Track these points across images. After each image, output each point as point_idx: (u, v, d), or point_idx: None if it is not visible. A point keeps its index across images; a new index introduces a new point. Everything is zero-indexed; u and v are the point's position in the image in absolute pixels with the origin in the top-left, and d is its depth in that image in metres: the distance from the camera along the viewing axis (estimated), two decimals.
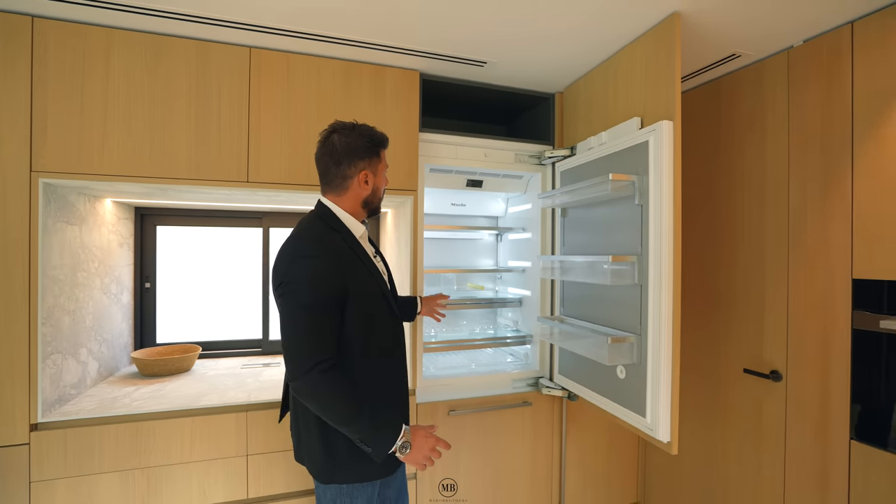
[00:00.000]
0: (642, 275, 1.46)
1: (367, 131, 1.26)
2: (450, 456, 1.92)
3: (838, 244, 1.47)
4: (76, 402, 1.58)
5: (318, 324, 1.09)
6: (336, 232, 1.21)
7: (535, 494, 2.07)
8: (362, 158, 1.24)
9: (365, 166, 1.24)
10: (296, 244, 1.18)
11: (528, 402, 2.03)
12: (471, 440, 1.95)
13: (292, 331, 1.09)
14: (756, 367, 1.72)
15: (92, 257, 1.77)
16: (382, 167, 1.30)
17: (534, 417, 2.06)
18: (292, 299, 1.10)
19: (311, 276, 1.10)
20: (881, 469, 1.36)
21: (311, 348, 1.07)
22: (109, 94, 1.51)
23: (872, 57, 1.38)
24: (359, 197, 1.26)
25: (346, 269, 1.16)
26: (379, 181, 1.30)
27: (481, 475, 1.98)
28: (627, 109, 1.61)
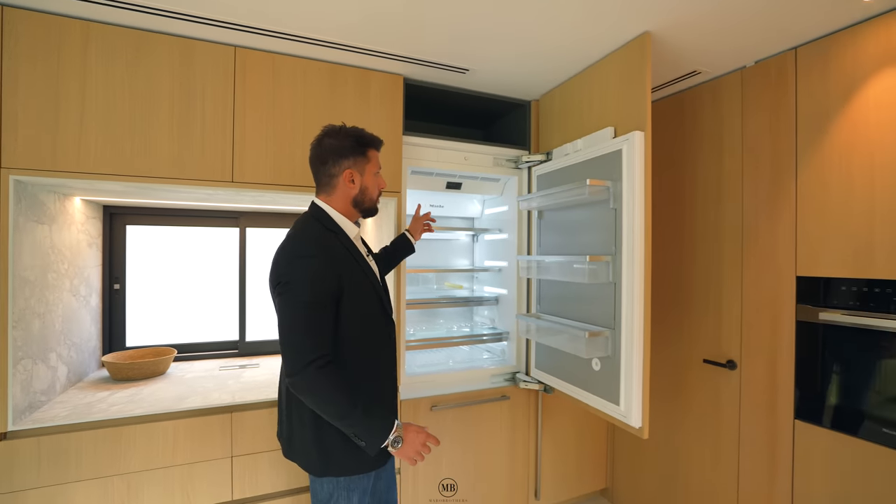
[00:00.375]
0: (616, 273, 1.58)
1: (353, 132, 1.29)
2: (433, 449, 1.98)
3: (784, 246, 1.64)
4: (47, 409, 1.52)
5: (315, 321, 1.12)
6: (332, 232, 1.25)
7: (514, 483, 2.16)
8: (347, 157, 1.27)
9: (350, 165, 1.27)
10: (293, 244, 1.20)
11: (506, 395, 2.12)
12: (452, 433, 2.02)
13: (291, 328, 1.12)
14: (714, 358, 1.88)
15: (62, 258, 1.69)
16: (371, 167, 1.32)
17: (511, 410, 2.15)
18: (291, 298, 1.13)
19: (310, 275, 1.13)
20: (818, 442, 1.53)
21: (309, 345, 1.10)
22: (87, 89, 1.46)
23: (813, 80, 1.56)
24: (347, 196, 1.29)
25: (341, 268, 1.19)
26: (367, 180, 1.31)
27: (463, 466, 2.05)
28: (601, 119, 1.73)
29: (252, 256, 2.34)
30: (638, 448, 2.27)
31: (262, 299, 2.36)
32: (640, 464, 2.26)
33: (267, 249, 2.38)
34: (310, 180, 1.71)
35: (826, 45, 1.52)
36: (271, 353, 2.35)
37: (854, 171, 1.45)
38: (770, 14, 1.42)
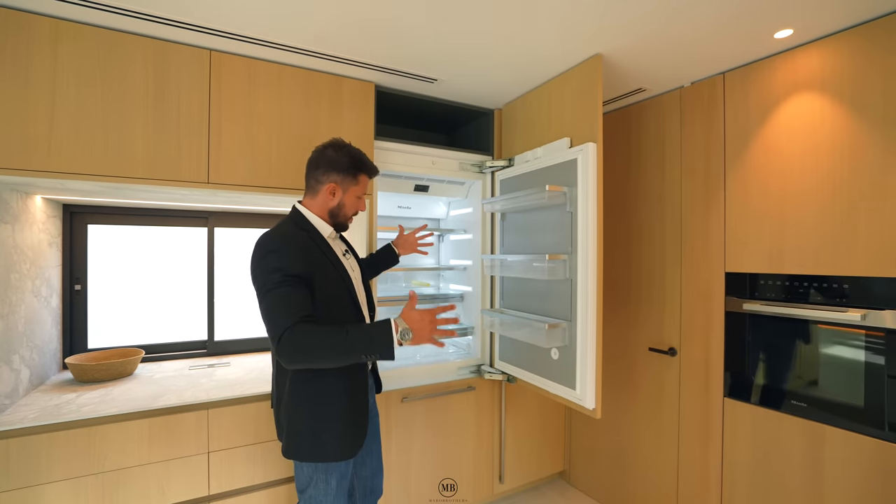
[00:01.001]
0: (572, 270, 1.74)
1: (354, 153, 1.39)
2: (404, 438, 2.08)
3: (716, 245, 1.87)
4: (12, 412, 1.49)
5: (284, 297, 1.16)
6: (303, 230, 1.33)
7: (479, 468, 2.30)
8: (338, 172, 1.36)
9: (337, 180, 1.36)
10: (265, 241, 1.25)
11: (472, 386, 2.25)
12: (422, 423, 2.13)
13: (268, 309, 1.17)
14: (658, 346, 2.10)
15: (24, 258, 1.66)
16: (356, 190, 1.40)
17: (477, 401, 2.29)
18: (265, 286, 1.19)
19: (278, 264, 1.19)
20: (743, 416, 1.77)
21: (284, 315, 1.14)
22: (57, 87, 1.45)
23: (737, 101, 1.79)
24: (325, 205, 1.38)
25: (309, 258, 1.25)
26: (347, 200, 1.39)
27: (432, 454, 2.16)
28: (559, 130, 1.89)
29: (221, 256, 2.34)
30: (592, 431, 2.47)
31: (231, 298, 2.37)
32: (593, 446, 2.46)
33: (236, 249, 2.39)
34: (285, 182, 1.79)
35: (747, 72, 1.76)
36: (241, 352, 2.36)
37: (770, 180, 1.69)
38: (700, 44, 1.63)
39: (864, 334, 1.46)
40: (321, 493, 1.31)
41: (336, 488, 1.32)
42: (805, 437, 1.59)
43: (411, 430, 2.10)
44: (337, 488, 1.32)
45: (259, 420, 1.72)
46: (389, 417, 2.03)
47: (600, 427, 2.41)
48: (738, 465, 1.79)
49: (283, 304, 1.15)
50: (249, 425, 1.70)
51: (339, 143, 1.39)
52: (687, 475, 1.97)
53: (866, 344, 1.45)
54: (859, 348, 1.47)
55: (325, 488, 1.31)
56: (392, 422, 2.04)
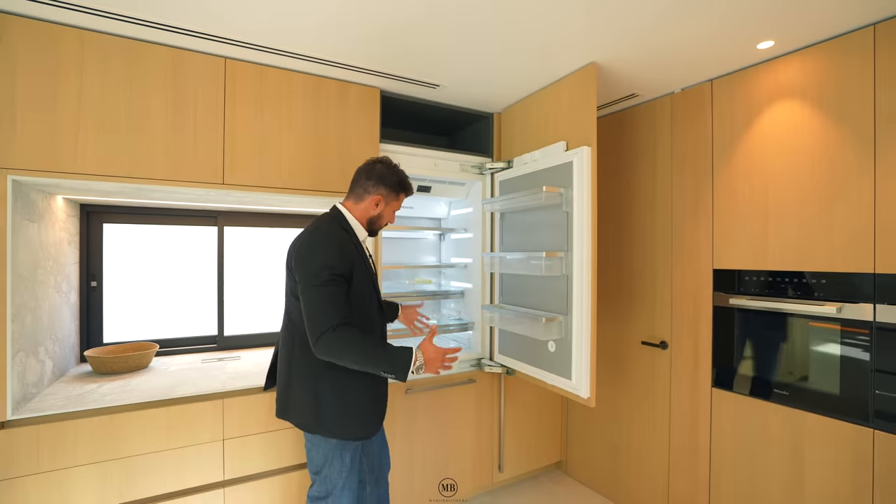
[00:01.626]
0: (568, 267, 1.84)
1: (401, 174, 1.57)
2: (407, 429, 2.17)
3: (704, 243, 1.97)
4: (39, 401, 1.58)
5: (331, 296, 1.32)
6: (345, 231, 1.47)
7: (480, 458, 2.40)
8: (386, 188, 1.53)
9: (383, 194, 1.53)
10: (313, 237, 1.41)
11: (472, 379, 2.35)
12: (425, 415, 2.22)
13: (312, 304, 1.31)
14: (650, 339, 2.20)
15: (48, 255, 1.74)
16: (395, 206, 1.59)
17: (478, 393, 2.38)
18: (311, 281, 1.32)
19: (326, 261, 1.34)
20: (729, 405, 1.87)
21: (328, 315, 1.29)
22: (84, 94, 1.54)
23: (724, 107, 1.90)
24: (367, 212, 1.54)
25: (351, 258, 1.41)
26: (386, 212, 1.57)
27: (434, 444, 2.26)
28: (556, 133, 1.99)
29: (230, 254, 2.43)
30: (587, 422, 2.57)
31: (240, 295, 2.46)
32: (589, 436, 2.56)
33: (244, 248, 2.48)
34: (295, 183, 1.89)
35: (733, 80, 1.86)
36: (249, 347, 2.45)
37: (754, 182, 1.79)
38: (688, 54, 1.73)
39: (839, 326, 1.56)
40: (336, 471, 1.41)
41: (349, 465, 1.43)
42: (787, 424, 1.69)
43: (414, 420, 2.20)
44: (350, 465, 1.44)
45: (271, 409, 1.81)
46: (394, 407, 2.12)
47: (595, 418, 2.51)
48: (724, 452, 1.89)
49: (329, 303, 1.30)
50: (263, 414, 1.79)
51: (389, 161, 1.56)
52: (677, 462, 2.08)
53: (842, 335, 1.56)
54: (835, 340, 1.58)
55: (339, 466, 1.42)
56: (396, 412, 2.13)
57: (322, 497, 1.46)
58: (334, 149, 1.98)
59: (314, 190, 1.94)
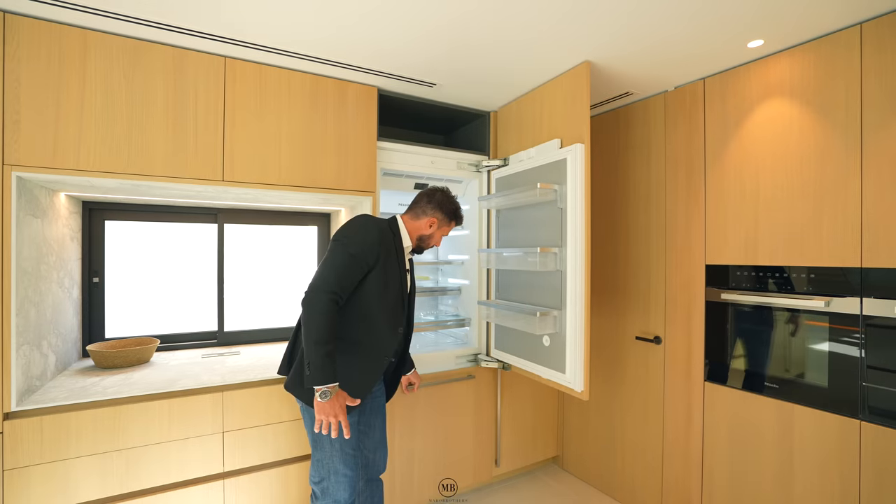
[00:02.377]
0: (562, 262, 1.87)
1: (456, 205, 1.74)
2: (407, 424, 2.20)
3: (697, 240, 2.00)
4: (43, 393, 1.61)
5: (348, 268, 1.46)
6: (393, 234, 1.62)
7: (477, 452, 2.43)
8: (442, 213, 1.70)
9: (438, 218, 1.70)
10: (365, 220, 1.57)
11: (471, 375, 2.37)
12: (425, 410, 2.25)
13: (331, 263, 1.45)
14: (644, 335, 2.23)
15: (51, 251, 1.78)
16: (444, 230, 1.74)
17: (476, 388, 2.41)
18: (343, 247, 1.48)
19: (362, 240, 1.50)
20: (722, 398, 1.90)
21: (333, 279, 1.42)
22: (86, 92, 1.57)
23: (716, 105, 1.93)
24: (419, 230, 1.70)
25: (385, 252, 1.55)
26: (437, 234, 1.73)
27: (434, 439, 2.28)
28: (551, 131, 2.02)
29: (230, 251, 2.46)
30: (583, 417, 2.60)
31: (240, 291, 2.49)
32: (585, 431, 2.59)
33: (244, 244, 2.51)
34: (293, 180, 1.95)
35: (725, 78, 1.89)
36: (249, 343, 2.48)
37: (745, 178, 1.82)
38: (680, 52, 1.76)
39: (827, 320, 1.59)
40: (326, 454, 1.52)
41: (340, 450, 1.50)
42: (777, 416, 1.72)
43: (414, 415, 2.22)
44: (341, 449, 1.50)
45: (270, 403, 1.84)
46: (393, 404, 2.15)
47: (591, 413, 2.54)
48: (717, 444, 1.92)
49: (340, 268, 1.44)
50: (261, 407, 1.83)
51: (449, 192, 1.74)
52: (671, 455, 2.10)
53: (830, 329, 1.59)
54: (824, 333, 1.60)
55: (329, 450, 1.50)
56: (396, 407, 2.16)
57: (318, 481, 1.57)
58: (332, 146, 2.01)
59: (312, 187, 1.97)
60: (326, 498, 1.54)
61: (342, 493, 1.53)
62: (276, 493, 1.85)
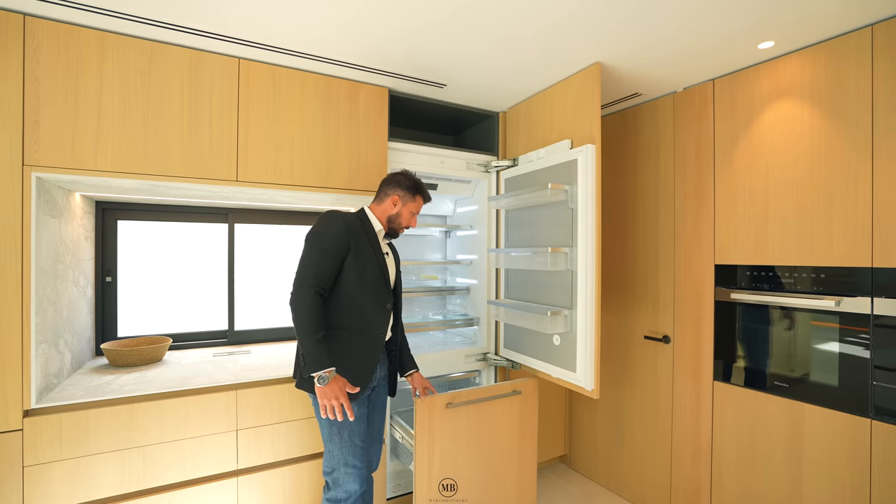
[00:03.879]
0: (572, 262, 1.89)
1: (416, 180, 1.76)
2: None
3: (706, 239, 2.01)
4: (61, 390, 1.63)
5: (323, 260, 1.52)
6: (360, 221, 1.65)
7: None
8: (402, 189, 1.72)
9: (400, 194, 1.72)
10: (330, 214, 1.60)
11: (517, 391, 2.04)
12: (467, 428, 1.97)
13: (306, 261, 1.52)
14: (653, 334, 2.24)
15: (67, 250, 1.79)
16: (412, 206, 1.74)
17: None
18: (314, 243, 1.53)
19: (331, 233, 1.54)
20: (730, 397, 1.92)
21: (311, 274, 1.49)
22: (104, 93, 1.59)
23: (725, 106, 1.94)
24: (386, 211, 1.72)
25: (356, 239, 1.59)
26: (404, 211, 1.73)
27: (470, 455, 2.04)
28: (561, 132, 2.03)
29: (240, 251, 2.48)
30: (591, 416, 2.61)
31: (251, 290, 2.51)
32: (593, 430, 2.60)
33: (254, 244, 2.53)
34: (306, 180, 1.96)
35: (734, 79, 1.90)
36: (260, 342, 2.50)
37: (755, 179, 1.84)
38: (690, 54, 1.77)
39: (838, 320, 1.60)
40: (336, 446, 1.57)
41: (349, 442, 1.56)
42: (787, 415, 1.73)
43: (456, 438, 1.97)
44: (350, 442, 1.56)
45: (283, 401, 1.86)
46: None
47: (599, 412, 2.56)
48: (726, 443, 1.93)
49: (315, 262, 1.51)
50: (275, 406, 1.84)
51: (409, 172, 1.78)
52: (680, 454, 2.12)
53: (840, 328, 1.60)
54: (834, 332, 1.62)
55: (339, 442, 1.56)
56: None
57: (329, 472, 1.60)
58: (344, 147, 2.02)
59: (325, 187, 1.98)
60: (337, 489, 1.58)
61: (352, 485, 1.57)
62: (289, 491, 1.87)
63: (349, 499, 1.58)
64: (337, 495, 1.58)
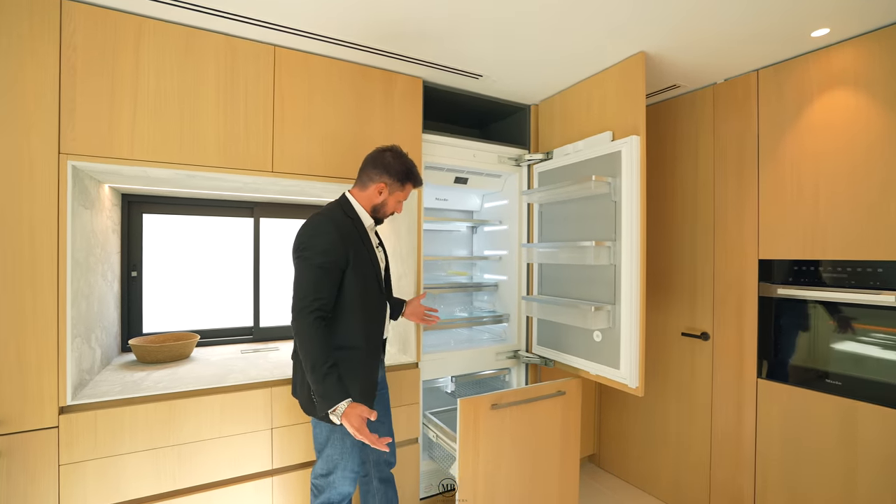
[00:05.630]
0: (616, 256, 1.84)
1: (408, 163, 1.56)
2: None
3: (749, 234, 1.96)
4: (93, 387, 1.58)
5: (321, 281, 1.37)
6: (349, 218, 1.50)
7: None
8: (390, 176, 1.53)
9: (387, 182, 1.53)
10: (317, 221, 1.44)
11: (561, 391, 1.97)
12: (510, 430, 1.89)
13: (302, 282, 1.36)
14: (690, 331, 2.19)
15: (97, 243, 1.74)
16: (400, 195, 1.57)
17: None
18: (307, 261, 1.38)
19: (324, 246, 1.38)
20: (777, 396, 1.87)
21: (311, 297, 1.34)
22: (140, 80, 1.54)
23: (771, 97, 1.89)
24: (370, 200, 1.55)
25: (351, 246, 1.44)
26: (390, 201, 1.56)
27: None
28: (601, 124, 1.98)
29: (266, 245, 2.43)
30: (622, 415, 2.56)
31: (276, 286, 2.46)
32: (623, 429, 2.55)
33: (280, 239, 2.48)
34: (341, 171, 1.90)
35: (780, 69, 1.86)
36: (285, 339, 2.45)
37: (804, 172, 1.79)
38: (739, 43, 1.72)
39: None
40: (337, 451, 1.47)
41: (350, 448, 1.47)
42: (839, 413, 1.68)
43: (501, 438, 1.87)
44: (351, 448, 1.48)
45: None
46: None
47: (631, 410, 2.51)
48: (771, 441, 1.88)
49: (313, 284, 1.35)
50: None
51: (398, 150, 1.56)
52: (720, 453, 2.07)
53: None
54: (893, 328, 1.57)
55: (340, 447, 1.47)
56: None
57: (325, 474, 1.50)
58: (379, 138, 1.97)
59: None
60: (331, 491, 1.49)
61: (347, 487, 1.50)
62: None
63: (343, 501, 1.51)
64: (331, 497, 1.49)
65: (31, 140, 1.39)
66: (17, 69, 1.38)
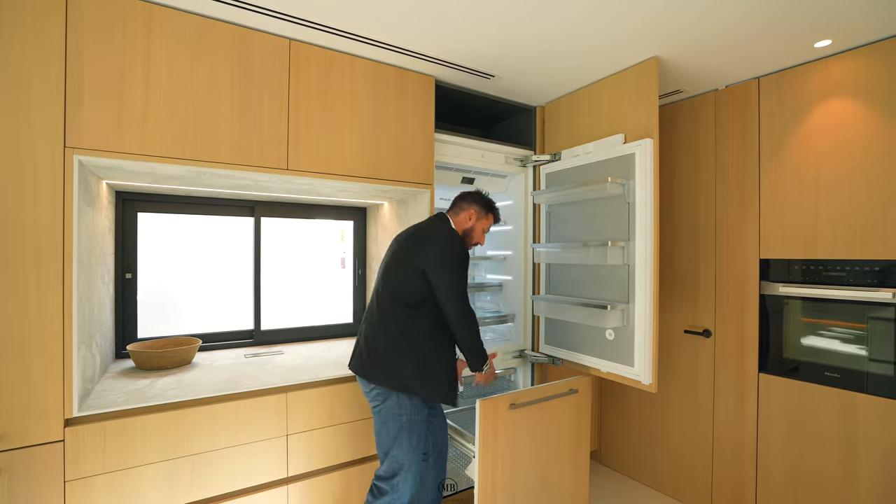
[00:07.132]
0: (630, 256, 1.87)
1: (491, 200, 1.84)
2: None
3: (750, 234, 2.04)
4: (97, 397, 1.48)
5: (463, 286, 1.64)
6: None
7: None
8: (477, 205, 1.80)
9: (476, 209, 1.79)
10: (456, 237, 1.68)
11: (574, 389, 1.95)
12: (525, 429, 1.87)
13: (458, 279, 1.61)
14: (693, 328, 2.26)
15: (97, 243, 1.64)
16: (484, 223, 1.81)
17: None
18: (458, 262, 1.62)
19: (464, 254, 1.64)
20: (777, 389, 1.95)
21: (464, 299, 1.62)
22: (151, 71, 1.46)
23: (772, 104, 1.97)
24: (462, 224, 1.78)
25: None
26: (477, 227, 1.80)
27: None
28: (611, 126, 2.02)
29: (266, 246, 2.35)
30: (623, 412, 2.62)
31: (276, 288, 2.38)
32: (625, 425, 2.61)
33: (281, 239, 2.40)
34: (357, 170, 1.91)
35: (782, 77, 1.94)
36: (288, 342, 2.37)
37: (804, 175, 1.87)
38: (744, 51, 1.79)
39: (893, 311, 1.65)
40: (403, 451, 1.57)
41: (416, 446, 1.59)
42: (839, 405, 1.77)
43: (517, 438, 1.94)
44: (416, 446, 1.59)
45: (334, 403, 1.76)
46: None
47: (633, 406, 2.56)
48: (772, 434, 1.96)
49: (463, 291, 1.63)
50: (325, 408, 1.74)
51: (482, 192, 1.85)
52: (722, 446, 2.14)
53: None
54: (889, 322, 1.66)
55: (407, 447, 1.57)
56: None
57: (388, 477, 1.57)
58: (393, 136, 1.94)
59: (374, 178, 1.90)
60: (395, 493, 1.56)
61: (409, 491, 1.58)
62: (339, 497, 1.77)
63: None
64: (393, 501, 1.56)
65: (34, 133, 1.29)
66: (19, 57, 1.28)
